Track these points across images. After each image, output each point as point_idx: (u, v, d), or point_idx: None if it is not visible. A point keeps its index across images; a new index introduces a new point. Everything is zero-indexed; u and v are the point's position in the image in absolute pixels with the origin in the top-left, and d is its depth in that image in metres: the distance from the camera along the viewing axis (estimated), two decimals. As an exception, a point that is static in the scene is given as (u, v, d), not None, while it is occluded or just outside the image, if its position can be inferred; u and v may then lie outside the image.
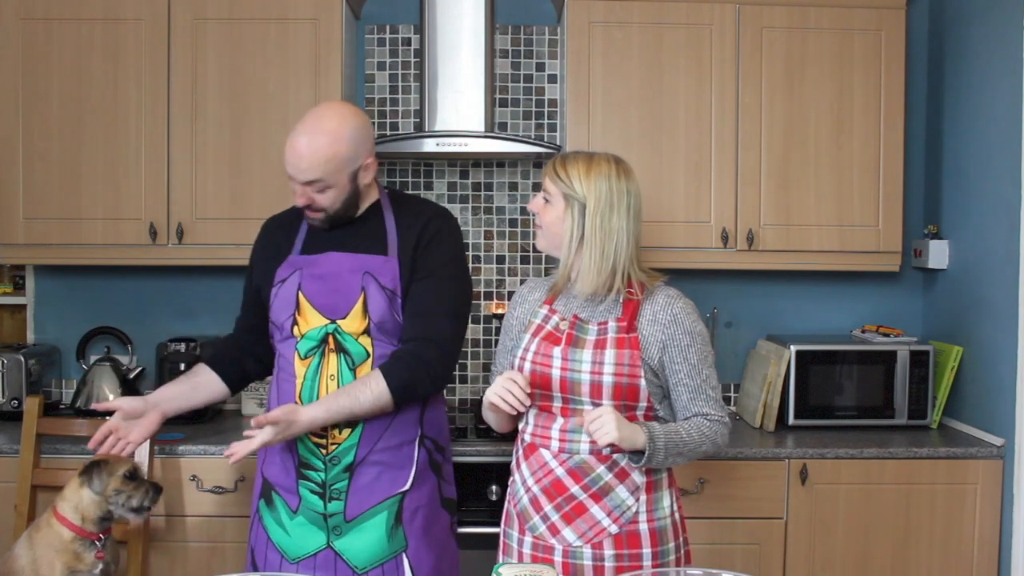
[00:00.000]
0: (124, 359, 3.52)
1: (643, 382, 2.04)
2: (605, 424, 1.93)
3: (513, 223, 3.62)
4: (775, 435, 3.21)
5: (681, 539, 2.14)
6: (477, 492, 2.99)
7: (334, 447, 2.27)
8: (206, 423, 3.32)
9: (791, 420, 3.27)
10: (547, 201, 2.13)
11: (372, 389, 2.21)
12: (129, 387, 3.41)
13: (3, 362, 3.33)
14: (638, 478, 2.06)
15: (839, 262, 3.31)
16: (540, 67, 3.61)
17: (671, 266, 3.25)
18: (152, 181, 3.22)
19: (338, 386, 2.28)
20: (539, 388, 2.09)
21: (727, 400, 3.63)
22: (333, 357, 2.30)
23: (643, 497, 2.06)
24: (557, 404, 2.08)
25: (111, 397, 3.36)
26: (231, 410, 3.55)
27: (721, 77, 3.26)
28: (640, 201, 2.13)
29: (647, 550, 2.06)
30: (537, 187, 3.62)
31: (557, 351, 2.08)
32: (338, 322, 2.30)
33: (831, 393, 3.29)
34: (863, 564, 3.03)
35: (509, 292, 3.62)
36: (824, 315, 3.65)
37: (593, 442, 2.01)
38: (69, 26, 3.21)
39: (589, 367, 2.04)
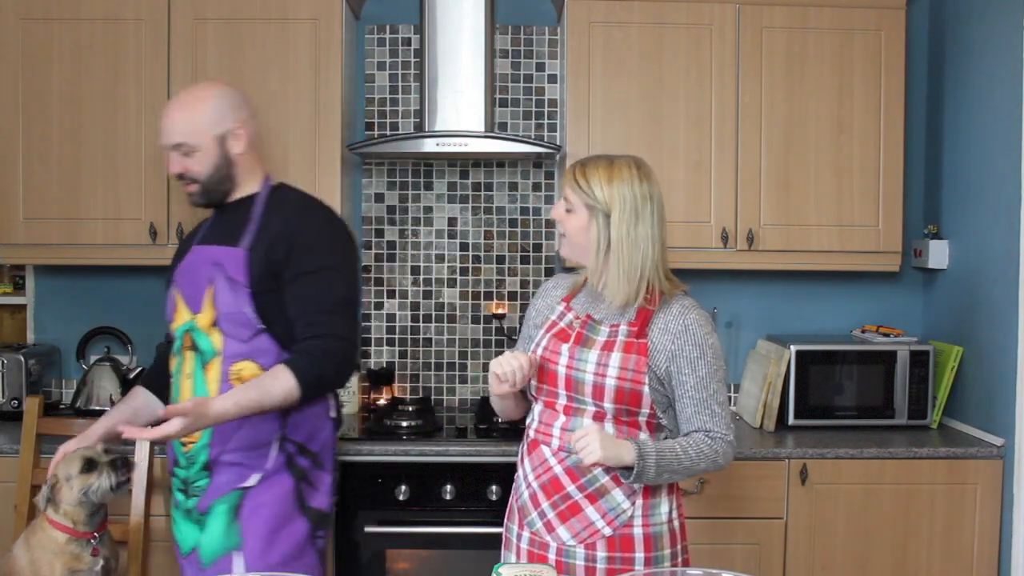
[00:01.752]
0: (124, 359, 3.52)
1: (646, 389, 2.02)
2: (590, 443, 1.91)
3: (513, 223, 3.62)
4: (775, 435, 3.21)
5: (679, 547, 2.10)
6: (477, 492, 2.99)
7: (191, 446, 2.31)
8: (206, 423, 3.31)
9: (791, 420, 3.27)
10: (569, 210, 2.09)
11: (282, 383, 2.19)
12: (129, 387, 3.40)
13: (3, 362, 3.33)
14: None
15: (839, 262, 3.31)
16: (540, 67, 3.61)
17: (671, 266, 3.25)
18: (152, 181, 3.22)
19: (193, 386, 2.29)
20: (546, 384, 2.09)
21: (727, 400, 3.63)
22: (190, 355, 2.32)
23: (639, 501, 2.05)
24: (561, 401, 2.08)
25: (111, 397, 3.36)
26: (231, 410, 3.55)
27: (721, 77, 3.26)
28: (663, 203, 2.09)
29: (639, 555, 2.04)
30: (537, 187, 3.62)
31: (565, 348, 2.08)
32: (196, 317, 2.31)
33: (831, 393, 3.29)
34: (863, 564, 3.03)
35: (509, 292, 3.62)
36: (824, 315, 3.65)
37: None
38: (69, 26, 3.21)
39: (593, 367, 2.03)
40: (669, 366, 2.04)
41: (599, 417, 2.03)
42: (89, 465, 2.50)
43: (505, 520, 2.23)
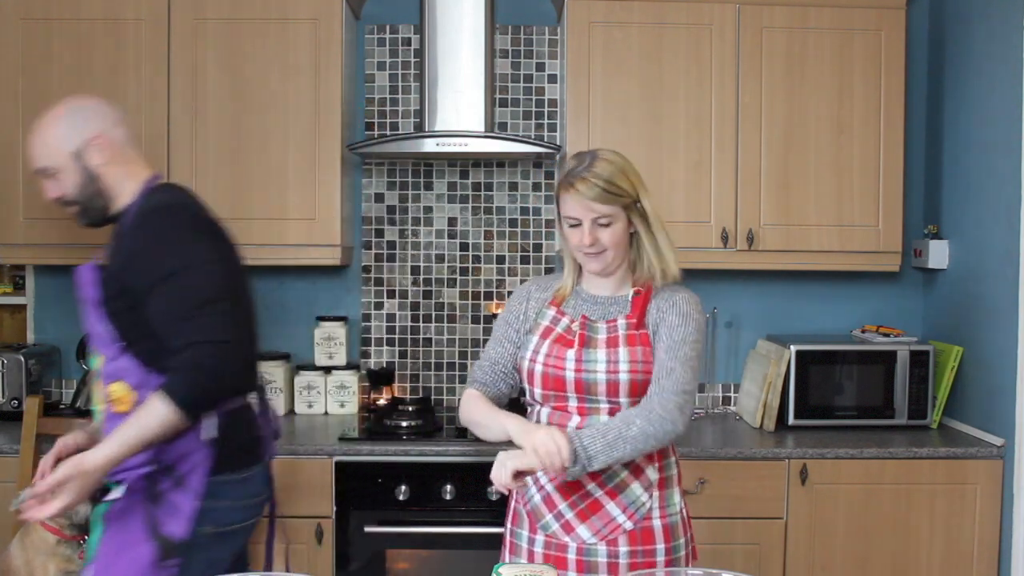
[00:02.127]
0: (124, 359, 3.52)
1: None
2: (554, 454, 1.87)
3: (513, 223, 3.62)
4: (775, 435, 3.21)
5: (689, 535, 2.14)
6: (477, 492, 2.99)
7: None
8: (206, 423, 3.32)
9: (791, 420, 3.27)
10: (606, 224, 2.05)
11: (155, 413, 2.03)
12: (129, 387, 3.41)
13: (3, 362, 3.33)
14: (652, 475, 2.06)
15: (839, 262, 3.31)
16: (540, 67, 3.61)
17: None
18: (152, 181, 3.22)
19: (103, 412, 2.21)
20: (553, 390, 2.07)
21: (727, 400, 3.63)
22: (100, 381, 2.24)
23: (656, 493, 2.06)
24: (573, 403, 2.07)
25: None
26: (231, 410, 3.55)
27: (721, 77, 3.26)
28: None
29: (660, 546, 2.06)
30: (537, 187, 3.62)
31: (570, 353, 2.05)
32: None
33: (831, 393, 3.29)
34: (863, 564, 3.03)
35: (509, 292, 3.62)
36: (824, 315, 3.65)
37: (554, 478, 2.03)
38: (69, 26, 3.21)
39: (604, 366, 2.03)
40: (654, 337, 2.06)
41: (614, 413, 2.04)
42: None
43: (509, 525, 2.20)
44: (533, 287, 2.22)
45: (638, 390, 2.03)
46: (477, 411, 2.10)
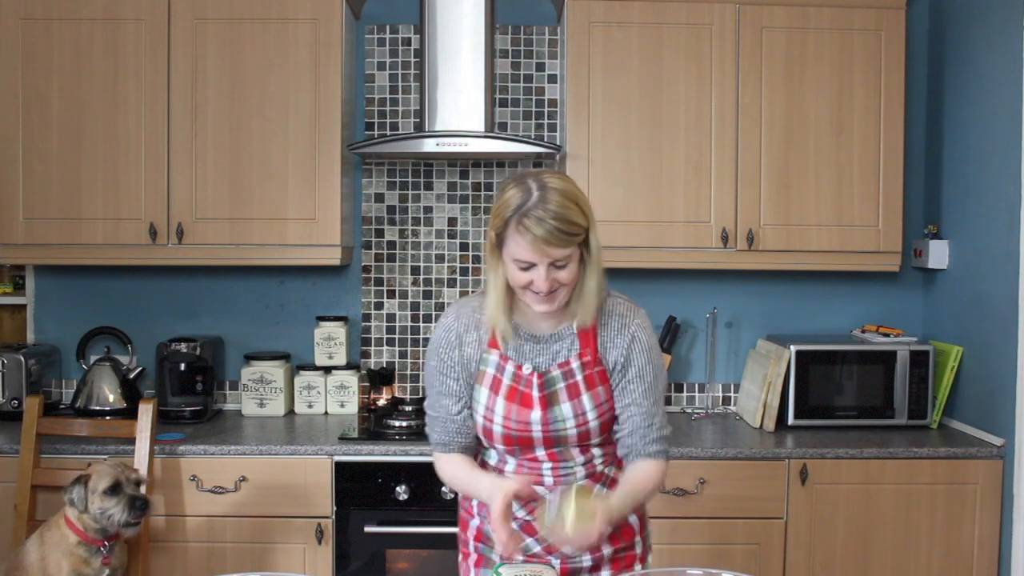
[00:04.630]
0: (124, 359, 3.52)
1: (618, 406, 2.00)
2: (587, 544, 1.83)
3: (513, 223, 3.62)
4: (775, 435, 3.21)
5: (647, 519, 2.15)
6: (477, 492, 2.99)
7: None
8: (206, 423, 3.32)
9: (791, 420, 3.27)
10: (563, 266, 1.86)
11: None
12: (129, 387, 3.41)
13: (3, 362, 3.33)
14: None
15: (839, 262, 3.31)
16: (540, 67, 3.61)
17: (671, 266, 3.27)
18: (152, 181, 3.22)
19: None
20: (518, 445, 1.97)
21: (727, 400, 3.63)
22: None
23: None
24: (541, 453, 1.99)
25: (111, 397, 3.36)
26: (231, 410, 3.56)
27: (721, 77, 3.26)
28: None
29: (637, 537, 2.08)
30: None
31: (534, 415, 1.94)
32: None
33: (831, 393, 3.29)
34: (863, 564, 3.03)
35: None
36: (824, 315, 3.65)
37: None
38: (69, 26, 3.21)
39: (573, 422, 1.94)
40: (621, 377, 1.98)
41: (584, 451, 2.00)
42: (114, 489, 2.52)
43: (471, 540, 2.10)
44: (458, 327, 2.01)
45: (607, 427, 1.99)
46: (459, 482, 2.03)
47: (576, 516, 1.78)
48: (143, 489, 2.62)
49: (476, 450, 2.07)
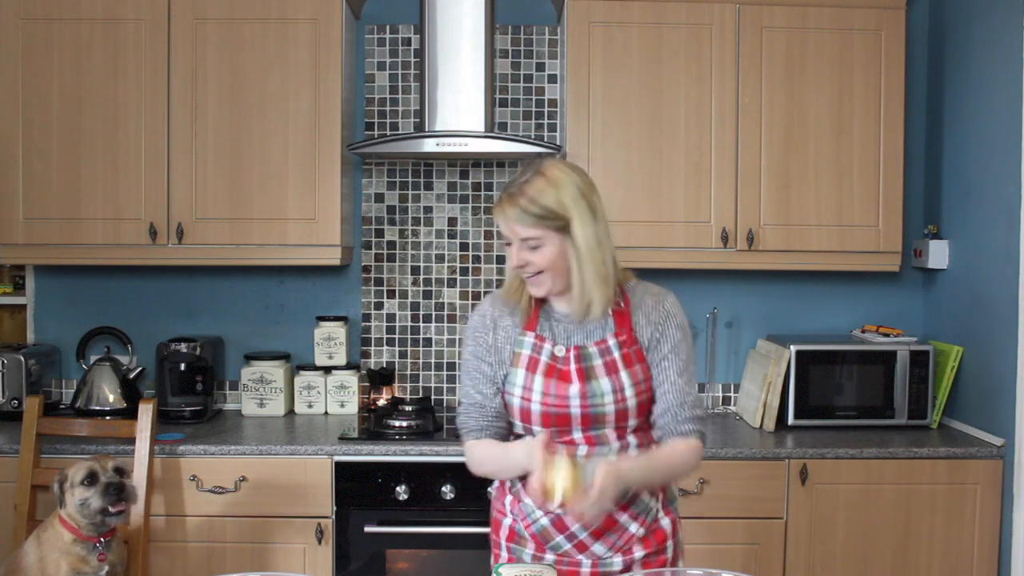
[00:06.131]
0: (124, 359, 3.52)
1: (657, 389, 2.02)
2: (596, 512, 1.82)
3: (513, 223, 3.62)
4: (775, 435, 3.21)
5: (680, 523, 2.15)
6: (477, 492, 2.98)
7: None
8: (206, 423, 3.32)
9: (791, 420, 3.27)
10: (535, 246, 1.93)
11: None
12: (129, 387, 3.41)
13: (3, 362, 3.33)
14: None
15: (839, 262, 3.31)
16: (540, 67, 3.61)
17: (671, 266, 3.27)
18: (152, 181, 3.22)
19: None
20: (555, 426, 1.98)
21: (727, 400, 3.63)
22: None
23: (660, 495, 2.06)
24: (578, 435, 1.99)
25: (111, 397, 3.36)
26: (231, 410, 3.56)
27: (721, 77, 3.26)
28: (595, 191, 2.01)
29: (669, 542, 2.06)
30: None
31: (573, 389, 1.96)
32: None
33: (831, 393, 3.29)
34: (863, 564, 3.03)
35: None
36: (824, 315, 3.65)
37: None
38: (69, 26, 3.21)
39: (611, 397, 1.96)
40: (656, 355, 2.01)
41: (621, 435, 2.00)
42: (91, 478, 2.52)
43: (504, 542, 2.10)
44: (494, 312, 2.06)
45: (644, 409, 2.00)
46: (493, 459, 2.04)
47: (570, 485, 1.77)
48: (132, 479, 2.62)
49: (506, 438, 2.08)
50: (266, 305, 3.63)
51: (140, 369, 3.46)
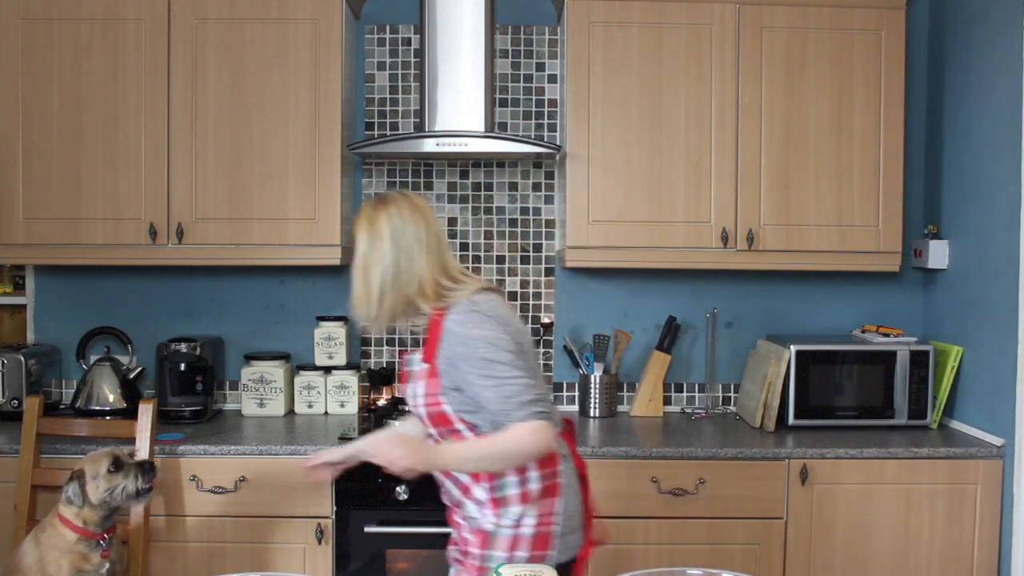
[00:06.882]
0: (124, 359, 3.52)
1: (447, 407, 2.10)
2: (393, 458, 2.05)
3: (513, 223, 3.62)
4: (775, 435, 3.21)
5: (531, 554, 2.12)
6: (477, 492, 2.99)
7: None
8: (206, 423, 3.32)
9: (791, 420, 3.27)
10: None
11: None
12: (129, 387, 3.41)
13: (3, 362, 3.33)
14: (481, 494, 2.13)
15: (839, 262, 3.31)
16: (540, 67, 3.61)
17: (671, 266, 3.27)
18: (152, 181, 3.22)
19: None
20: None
21: (727, 400, 3.63)
22: None
23: (489, 511, 2.14)
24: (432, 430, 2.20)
25: (111, 397, 3.36)
26: (231, 410, 3.56)
27: (721, 77, 3.26)
28: (426, 222, 2.12)
29: (475, 550, 2.14)
30: (537, 187, 3.62)
31: (407, 389, 2.23)
32: None
33: (831, 393, 3.29)
34: (863, 564, 3.03)
35: (509, 292, 3.62)
36: (824, 315, 3.65)
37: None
38: (69, 26, 3.21)
39: (417, 401, 2.17)
40: (454, 375, 2.07)
41: (443, 438, 2.17)
42: (116, 465, 2.53)
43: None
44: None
45: (437, 420, 2.14)
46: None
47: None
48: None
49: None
50: (266, 305, 3.63)
51: (140, 369, 3.46)
